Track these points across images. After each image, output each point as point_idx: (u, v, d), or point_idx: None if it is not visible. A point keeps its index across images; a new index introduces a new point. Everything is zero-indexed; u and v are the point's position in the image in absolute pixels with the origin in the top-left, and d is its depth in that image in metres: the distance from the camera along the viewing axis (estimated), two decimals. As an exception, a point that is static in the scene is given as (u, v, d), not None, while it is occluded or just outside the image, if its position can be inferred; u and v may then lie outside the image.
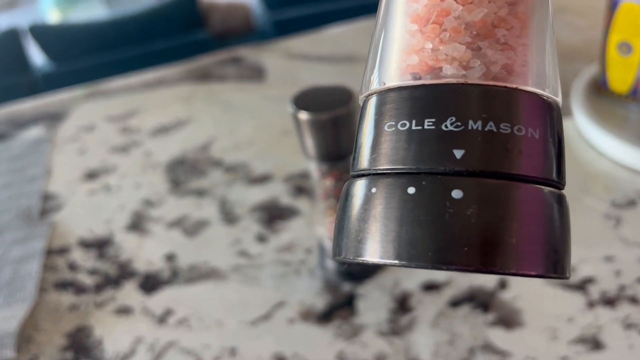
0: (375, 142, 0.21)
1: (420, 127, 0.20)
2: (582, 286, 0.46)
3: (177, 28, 1.84)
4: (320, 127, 0.40)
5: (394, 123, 0.21)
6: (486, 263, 0.18)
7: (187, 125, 0.79)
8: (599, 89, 0.65)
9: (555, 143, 0.21)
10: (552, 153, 0.20)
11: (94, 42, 1.76)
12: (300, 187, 0.62)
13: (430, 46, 0.21)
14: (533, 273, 0.19)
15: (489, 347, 0.43)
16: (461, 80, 0.20)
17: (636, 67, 0.59)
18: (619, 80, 0.62)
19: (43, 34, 1.72)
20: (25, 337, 0.49)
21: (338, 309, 0.48)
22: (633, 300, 0.44)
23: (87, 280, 0.55)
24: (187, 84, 0.90)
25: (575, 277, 0.47)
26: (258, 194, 0.62)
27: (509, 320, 0.44)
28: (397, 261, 0.19)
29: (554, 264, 0.19)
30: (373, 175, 0.21)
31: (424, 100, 0.20)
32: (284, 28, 1.80)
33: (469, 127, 0.19)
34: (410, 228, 0.19)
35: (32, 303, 0.52)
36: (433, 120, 0.20)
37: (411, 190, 0.19)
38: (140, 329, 0.49)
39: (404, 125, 0.20)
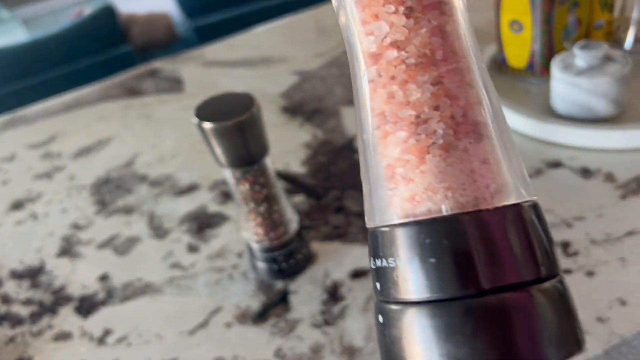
0: None
1: None
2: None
3: (99, 44, 1.81)
4: (225, 134, 0.41)
5: None
6: None
7: (109, 143, 0.79)
8: (500, 67, 0.68)
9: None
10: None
11: (14, 66, 1.71)
12: (227, 193, 0.63)
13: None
14: None
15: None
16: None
17: (529, 43, 0.62)
18: (515, 56, 0.65)
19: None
20: (-37, 376, 0.49)
21: (273, 308, 0.49)
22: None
23: (22, 311, 0.54)
24: (106, 102, 0.90)
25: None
26: (186, 205, 0.63)
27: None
28: None
29: None
30: None
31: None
32: (206, 34, 1.79)
33: None
34: None
35: (-33, 342, 0.52)
36: None
37: None
38: (80, 353, 0.49)
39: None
